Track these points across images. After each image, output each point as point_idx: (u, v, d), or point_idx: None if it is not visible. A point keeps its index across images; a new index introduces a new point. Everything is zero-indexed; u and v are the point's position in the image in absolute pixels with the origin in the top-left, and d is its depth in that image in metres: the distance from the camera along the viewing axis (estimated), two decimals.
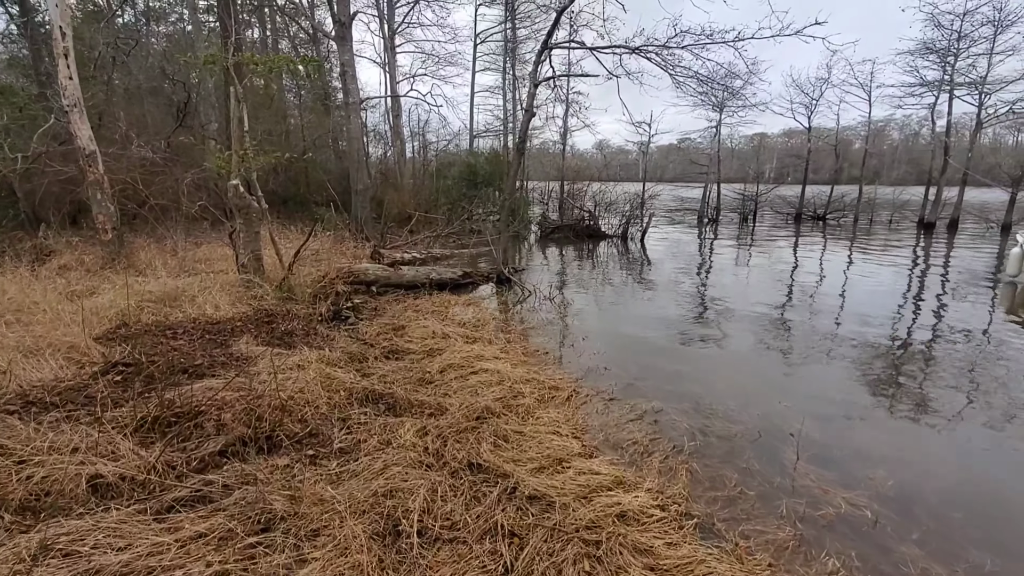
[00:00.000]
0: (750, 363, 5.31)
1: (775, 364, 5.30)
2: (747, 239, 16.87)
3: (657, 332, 6.39)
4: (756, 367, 5.20)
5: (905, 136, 66.48)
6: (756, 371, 5.08)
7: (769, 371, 5.09)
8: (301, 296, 6.43)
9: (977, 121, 18.87)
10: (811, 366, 5.22)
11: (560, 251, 14.00)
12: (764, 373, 5.04)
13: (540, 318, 6.88)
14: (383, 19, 24.17)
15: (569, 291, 8.48)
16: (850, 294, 8.51)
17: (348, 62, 11.80)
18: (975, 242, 16.03)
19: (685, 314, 7.23)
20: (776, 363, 5.33)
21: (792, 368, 5.17)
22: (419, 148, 30.79)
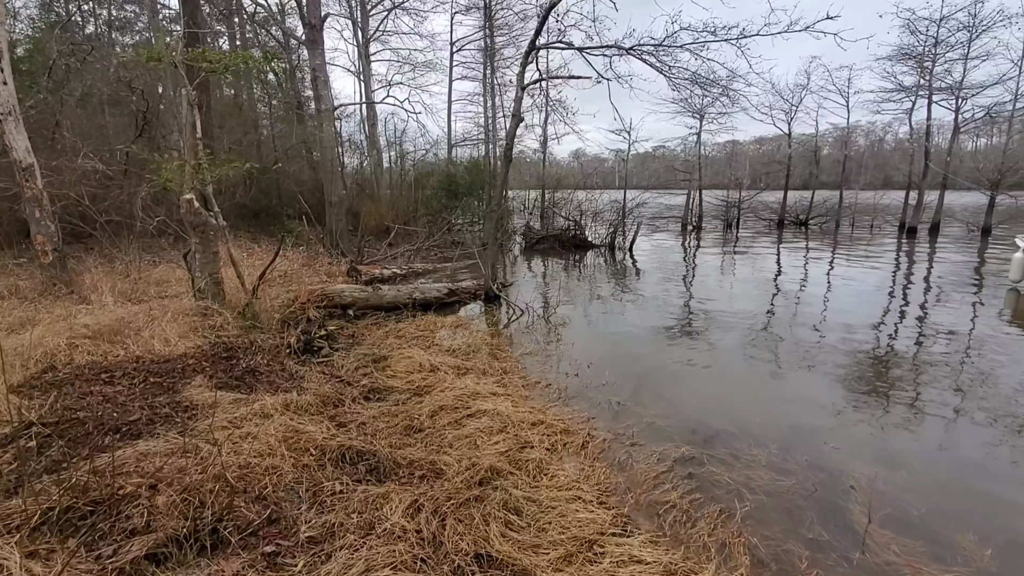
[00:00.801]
0: (783, 395, 4.75)
1: (809, 394, 4.75)
2: (732, 247, 16.55)
3: (667, 355, 5.81)
4: (790, 399, 4.63)
5: (871, 142, 68.51)
6: (791, 404, 4.52)
7: (805, 404, 4.54)
8: (267, 324, 5.68)
9: (955, 126, 19.01)
10: (844, 397, 4.69)
11: (546, 263, 13.43)
12: (801, 406, 4.48)
13: (536, 340, 6.25)
14: (357, 26, 23.48)
15: (563, 308, 7.87)
16: (861, 305, 8.10)
17: (320, 67, 11.09)
18: (958, 245, 15.99)
19: (693, 332, 6.68)
20: (809, 392, 4.78)
21: (828, 399, 4.62)
22: (396, 158, 30.12)
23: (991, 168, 18.65)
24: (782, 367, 5.39)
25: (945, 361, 5.49)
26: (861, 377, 5.08)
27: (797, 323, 7.02)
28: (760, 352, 5.84)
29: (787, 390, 4.79)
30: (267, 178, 16.64)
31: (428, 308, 7.54)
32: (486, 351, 5.63)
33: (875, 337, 6.37)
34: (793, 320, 7.19)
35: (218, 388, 4.14)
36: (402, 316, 6.90)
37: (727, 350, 5.95)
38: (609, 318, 7.46)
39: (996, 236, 17.98)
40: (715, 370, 5.34)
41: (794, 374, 5.19)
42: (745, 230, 22.06)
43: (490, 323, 7.13)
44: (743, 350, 5.94)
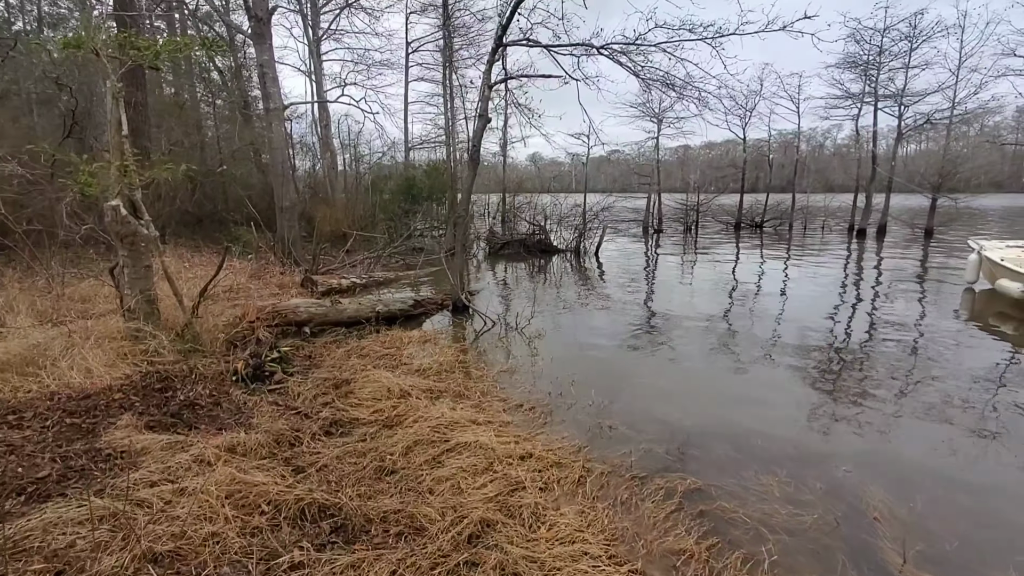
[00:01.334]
0: (779, 410, 4.50)
1: (807, 408, 4.52)
2: (695, 250, 16.65)
3: (651, 368, 5.51)
4: (788, 415, 4.38)
5: (812, 147, 72.12)
6: (789, 420, 4.26)
7: (803, 419, 4.30)
8: (210, 347, 5.03)
9: (898, 131, 19.86)
10: (844, 411, 4.49)
11: (512, 268, 13.05)
12: (799, 422, 4.23)
13: (512, 355, 5.83)
14: (307, 23, 22.55)
15: (535, 318, 7.47)
16: (839, 309, 8.09)
17: (267, 63, 10.35)
18: (905, 246, 16.64)
19: (672, 341, 6.42)
20: (806, 405, 4.55)
21: (827, 412, 4.41)
22: (352, 160, 29.14)
23: (932, 172, 19.57)
24: (773, 379, 5.16)
25: (932, 366, 5.41)
26: (856, 386, 4.91)
27: (777, 328, 6.88)
28: (746, 362, 5.62)
29: (781, 404, 4.55)
30: (212, 182, 15.60)
31: (393, 322, 7.01)
32: (460, 370, 5.17)
33: (857, 341, 6.29)
34: (775, 325, 7.05)
35: (149, 429, 3.52)
36: (365, 332, 6.34)
37: (711, 361, 5.71)
38: (585, 328, 7.12)
39: (938, 238, 18.87)
40: (703, 383, 5.07)
41: (787, 386, 4.97)
42: (704, 233, 22.38)
43: (460, 337, 6.67)
44: (727, 360, 5.71)
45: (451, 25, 19.58)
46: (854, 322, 7.32)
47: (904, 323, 7.15)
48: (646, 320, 7.52)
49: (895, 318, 7.44)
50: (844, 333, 6.71)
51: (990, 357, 5.74)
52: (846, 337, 6.52)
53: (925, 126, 19.26)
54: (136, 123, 13.81)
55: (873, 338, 6.47)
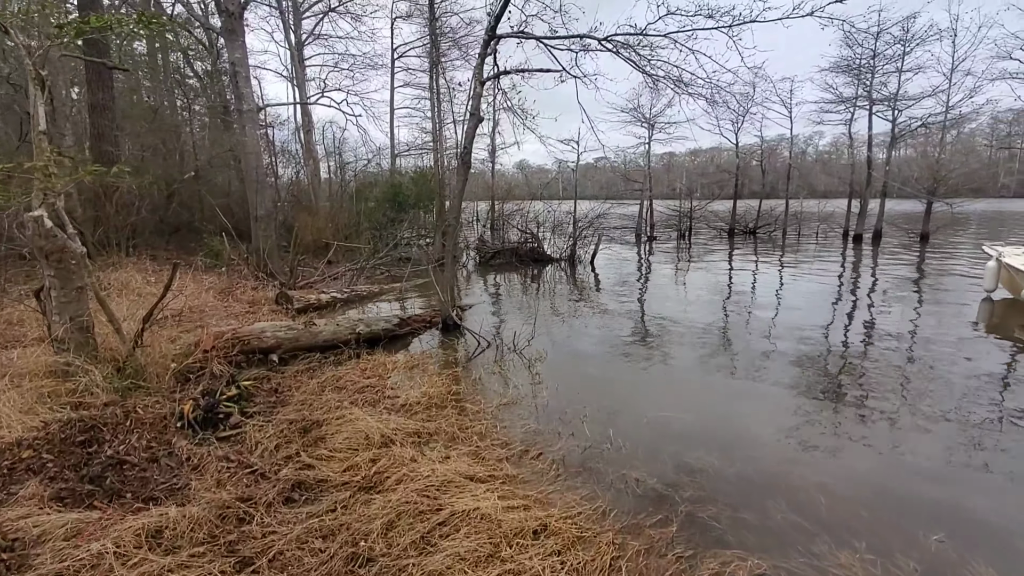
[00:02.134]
0: (836, 456, 3.83)
1: (865, 449, 3.86)
2: (689, 257, 16.09)
3: (675, 398, 4.83)
4: (847, 462, 3.72)
5: (795, 154, 73.21)
6: (849, 469, 3.60)
7: (865, 466, 3.63)
8: (157, 383, 4.25)
9: (892, 136, 19.56)
10: (913, 454, 3.83)
11: (504, 279, 12.35)
12: (861, 472, 3.57)
13: (511, 383, 5.11)
14: (289, 28, 21.82)
15: (533, 334, 6.76)
16: (855, 320, 7.50)
17: (240, 61, 9.59)
18: (903, 252, 16.24)
19: (695, 365, 5.75)
20: (865, 446, 3.89)
21: (891, 456, 3.75)
22: (336, 168, 28.34)
23: (927, 176, 19.28)
24: (819, 413, 4.49)
25: (988, 391, 4.80)
26: (915, 422, 4.27)
27: (803, 346, 6.25)
28: (781, 392, 4.96)
29: (836, 447, 3.88)
30: (189, 190, 14.75)
31: (376, 343, 6.26)
32: (452, 404, 4.44)
33: (894, 362, 5.67)
34: (801, 343, 6.42)
35: (57, 502, 2.75)
36: (343, 357, 5.59)
37: (743, 391, 5.04)
38: (590, 348, 6.43)
39: (933, 242, 18.55)
40: (741, 420, 4.38)
41: (840, 425, 4.30)
42: (697, 239, 21.90)
43: (452, 361, 5.92)
44: (760, 389, 5.04)
45: (437, 29, 18.95)
46: (884, 340, 6.70)
47: (934, 338, 6.57)
48: (655, 337, 6.85)
49: (927, 333, 6.85)
50: (879, 354, 6.08)
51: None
52: (883, 358, 5.90)
53: (920, 130, 18.95)
54: (101, 127, 13.00)
55: (915, 360, 5.86)
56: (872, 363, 5.65)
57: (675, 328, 7.23)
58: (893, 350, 6.09)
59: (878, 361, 5.70)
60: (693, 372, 5.52)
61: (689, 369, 5.60)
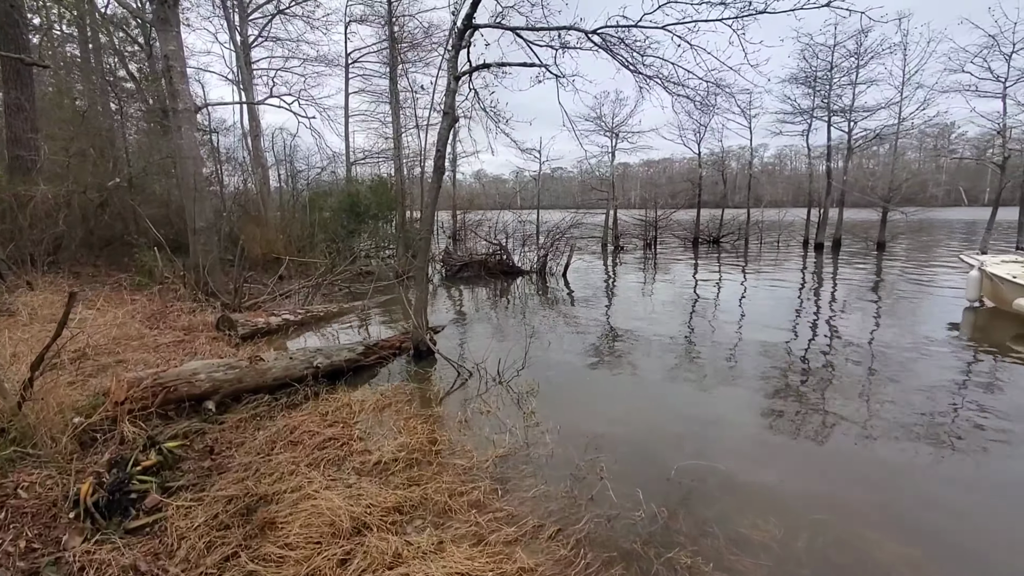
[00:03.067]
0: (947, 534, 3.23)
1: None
2: (660, 267, 15.76)
3: (705, 442, 4.15)
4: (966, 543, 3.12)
5: (741, 165, 75.97)
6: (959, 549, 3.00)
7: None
8: (52, 448, 3.24)
9: (848, 146, 20.00)
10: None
11: (473, 294, 11.55)
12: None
13: (503, 425, 4.31)
14: (233, 27, 20.46)
15: (519, 361, 5.98)
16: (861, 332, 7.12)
17: (174, 55, 8.46)
18: (862, 259, 16.48)
19: (714, 395, 5.13)
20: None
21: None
22: (287, 176, 26.88)
23: (883, 186, 19.80)
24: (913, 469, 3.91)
25: (993, 411, 4.37)
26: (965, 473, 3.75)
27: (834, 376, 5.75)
28: (863, 441, 4.37)
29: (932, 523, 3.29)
30: (125, 199, 13.26)
31: (338, 377, 5.34)
32: (436, 459, 3.62)
33: (916, 386, 5.22)
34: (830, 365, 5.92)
35: None
36: (299, 396, 4.65)
37: (794, 427, 4.43)
38: (588, 377, 5.71)
39: (889, 250, 19.00)
40: (791, 471, 3.74)
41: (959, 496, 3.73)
42: (663, 249, 21.75)
43: (429, 396, 5.08)
44: (790, 403, 4.46)
45: (392, 35, 18.04)
46: (888, 362, 6.30)
47: (922, 351, 6.23)
48: (657, 358, 6.22)
49: (912, 348, 6.50)
50: (889, 377, 5.64)
51: None
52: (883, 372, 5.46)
53: (874, 141, 19.44)
54: (16, 129, 11.47)
55: (924, 380, 5.44)
56: (898, 386, 5.19)
57: (675, 347, 6.63)
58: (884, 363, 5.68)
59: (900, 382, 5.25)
60: (717, 404, 4.89)
61: (712, 402, 4.96)
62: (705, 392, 5.16)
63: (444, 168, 5.98)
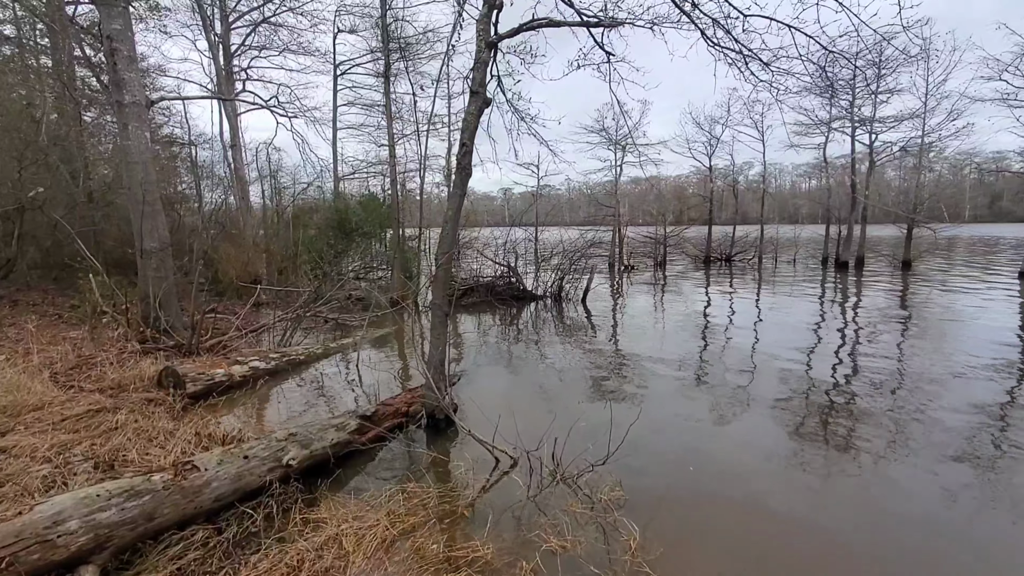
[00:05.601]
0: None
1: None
2: (665, 288, 14.21)
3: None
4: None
5: (728, 183, 76.21)
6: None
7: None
8: None
9: (871, 160, 18.81)
10: None
11: (483, 325, 9.85)
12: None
13: (591, 569, 2.62)
14: (210, 28, 18.82)
15: (561, 425, 4.26)
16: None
17: (119, 35, 6.80)
18: (895, 280, 15.12)
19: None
20: None
21: None
22: (271, 192, 25.13)
23: (907, 201, 18.59)
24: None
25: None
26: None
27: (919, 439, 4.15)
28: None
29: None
30: (86, 217, 11.49)
31: (321, 471, 3.62)
32: None
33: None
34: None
35: None
36: (257, 517, 2.92)
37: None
38: (692, 479, 4.00)
39: (916, 269, 17.71)
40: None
41: None
42: (672, 268, 20.28)
43: (455, 507, 3.35)
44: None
45: (387, 43, 16.50)
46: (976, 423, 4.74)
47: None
48: (729, 413, 4.57)
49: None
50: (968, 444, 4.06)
51: None
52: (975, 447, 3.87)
53: (899, 154, 18.28)
54: None
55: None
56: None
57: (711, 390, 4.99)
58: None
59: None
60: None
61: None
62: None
63: (471, 168, 4.35)
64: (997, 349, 7.10)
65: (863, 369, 6.33)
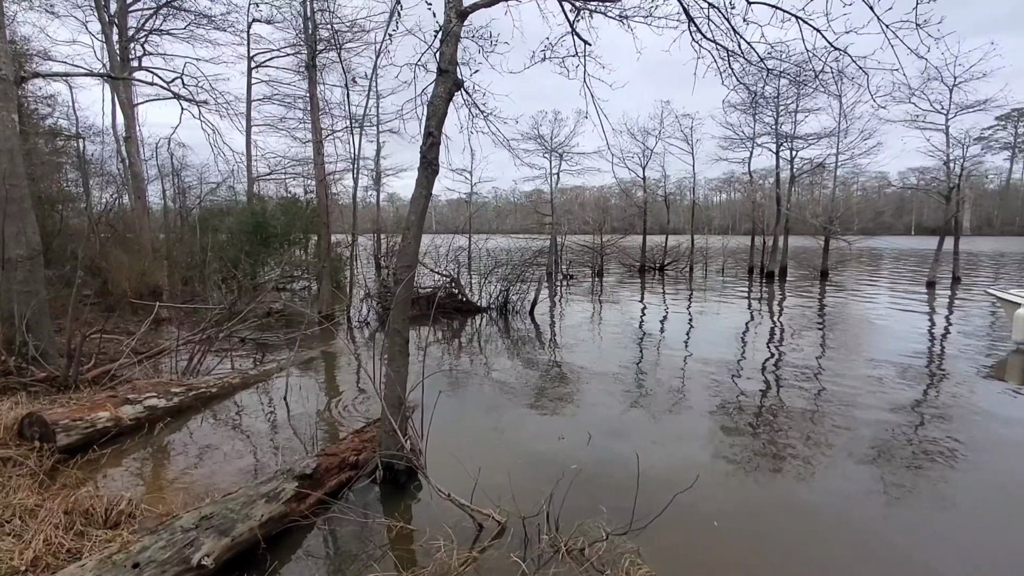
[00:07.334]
0: None
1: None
2: (600, 297, 14.06)
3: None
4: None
5: (650, 194, 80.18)
6: None
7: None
8: None
9: (791, 175, 19.84)
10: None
11: (425, 340, 8.97)
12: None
13: None
14: (107, 15, 16.50)
15: (549, 471, 3.57)
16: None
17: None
18: (809, 286, 15.95)
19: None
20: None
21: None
22: (174, 193, 22.60)
23: (824, 215, 19.77)
24: None
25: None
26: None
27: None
28: None
29: None
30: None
31: (246, 561, 2.68)
32: None
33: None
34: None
35: None
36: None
37: None
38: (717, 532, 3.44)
39: (833, 279, 18.85)
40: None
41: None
42: (608, 276, 20.32)
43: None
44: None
45: (315, 31, 15.15)
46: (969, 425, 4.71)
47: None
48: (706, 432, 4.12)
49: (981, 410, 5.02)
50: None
51: None
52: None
53: (817, 169, 19.42)
54: None
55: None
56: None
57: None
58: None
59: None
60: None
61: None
62: None
63: (438, 164, 3.57)
64: (906, 351, 7.69)
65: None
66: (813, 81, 5.25)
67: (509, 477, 3.30)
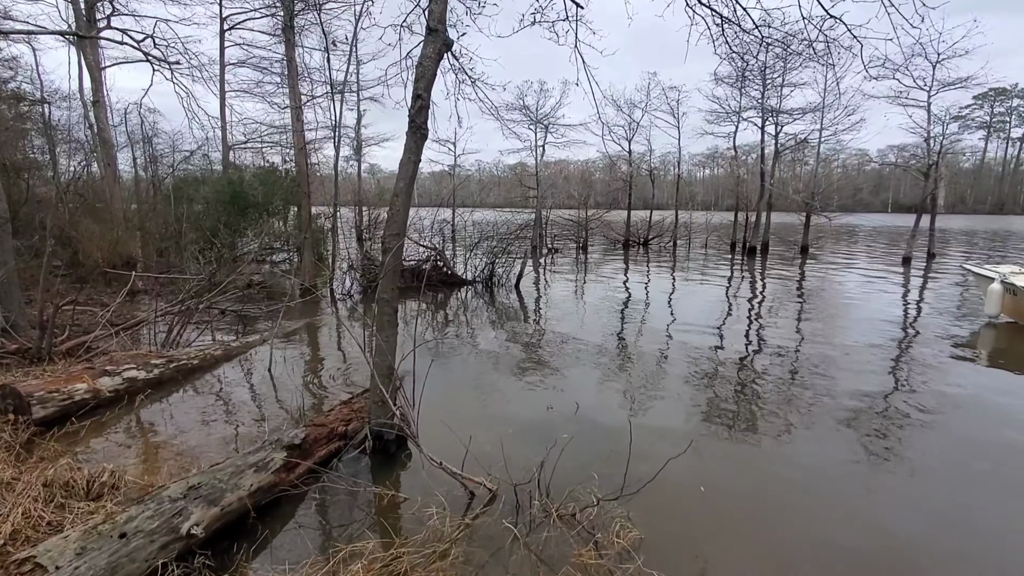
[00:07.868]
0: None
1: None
2: (587, 271, 14.12)
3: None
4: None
5: (635, 167, 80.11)
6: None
7: None
8: None
9: (775, 150, 19.88)
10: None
11: (411, 313, 8.91)
12: None
13: None
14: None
15: (540, 435, 3.59)
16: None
17: None
18: (787, 263, 16.21)
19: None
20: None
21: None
22: (145, 161, 21.74)
23: (806, 191, 19.94)
24: None
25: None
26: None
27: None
28: None
29: None
30: None
31: (236, 530, 2.66)
32: None
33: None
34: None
35: None
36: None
37: None
38: (707, 501, 3.49)
39: (813, 255, 19.14)
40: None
41: None
42: (593, 250, 20.34)
43: (427, 563, 2.55)
44: None
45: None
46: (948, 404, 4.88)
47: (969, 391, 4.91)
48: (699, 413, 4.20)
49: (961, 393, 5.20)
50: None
51: None
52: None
53: (801, 145, 19.49)
54: None
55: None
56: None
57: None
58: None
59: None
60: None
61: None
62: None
63: (427, 128, 3.45)
64: (882, 325, 7.91)
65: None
66: (806, 50, 5.15)
67: (501, 446, 3.30)
